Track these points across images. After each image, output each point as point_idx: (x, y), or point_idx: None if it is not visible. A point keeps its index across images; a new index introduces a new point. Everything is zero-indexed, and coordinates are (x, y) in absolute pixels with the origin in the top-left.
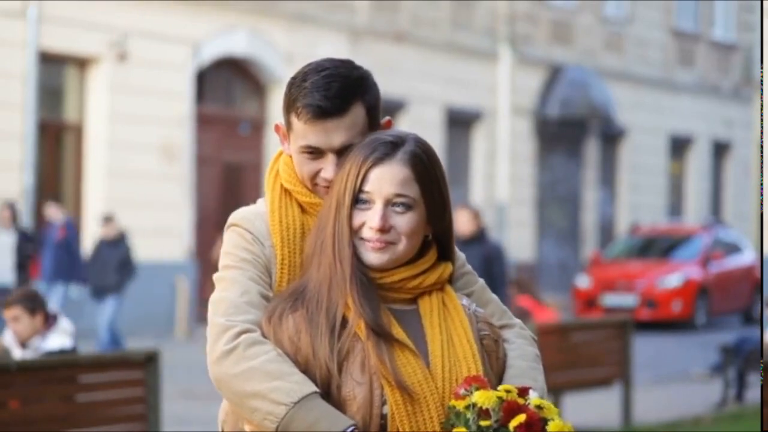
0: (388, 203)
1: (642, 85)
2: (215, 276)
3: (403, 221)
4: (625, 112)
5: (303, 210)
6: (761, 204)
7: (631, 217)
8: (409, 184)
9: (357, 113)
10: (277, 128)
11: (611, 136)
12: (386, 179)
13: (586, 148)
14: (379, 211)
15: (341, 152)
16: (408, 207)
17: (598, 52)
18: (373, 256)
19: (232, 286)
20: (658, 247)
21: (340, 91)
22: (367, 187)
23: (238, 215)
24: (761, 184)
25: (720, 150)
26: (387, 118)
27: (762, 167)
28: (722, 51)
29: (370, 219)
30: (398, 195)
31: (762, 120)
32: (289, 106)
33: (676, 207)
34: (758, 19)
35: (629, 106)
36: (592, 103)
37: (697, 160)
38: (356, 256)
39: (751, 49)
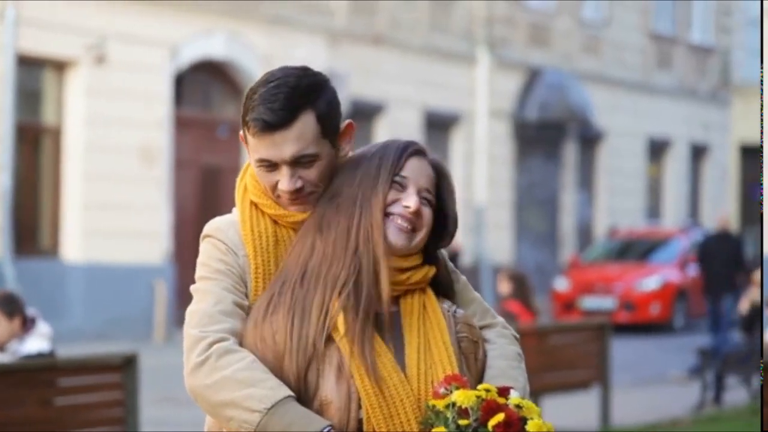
0: (420, 192)
1: (620, 88)
2: (192, 287)
3: (426, 212)
4: (603, 115)
5: (275, 221)
6: (761, 204)
7: (609, 219)
8: (433, 185)
9: (305, 122)
10: (242, 137)
11: (589, 139)
12: (422, 172)
13: (564, 151)
14: (415, 195)
15: (295, 163)
16: (429, 202)
17: (575, 55)
18: (398, 237)
19: (206, 297)
20: (636, 249)
21: (284, 102)
22: (405, 172)
23: (212, 225)
24: (761, 184)
25: (698, 153)
26: (348, 121)
27: (762, 167)
28: (700, 54)
29: (405, 199)
30: (427, 190)
31: (762, 120)
32: (242, 120)
33: (654, 210)
34: (735, 21)
35: (607, 109)
36: (570, 106)
37: (675, 163)
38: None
39: (729, 52)
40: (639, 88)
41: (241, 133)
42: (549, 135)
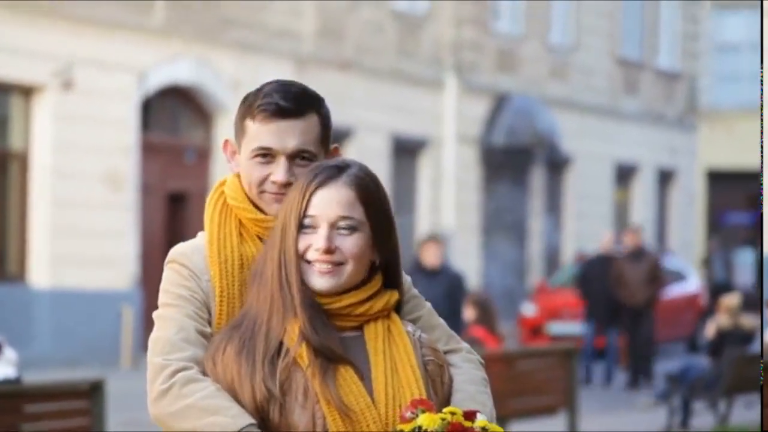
0: (333, 226)
1: (587, 114)
2: (154, 314)
3: (348, 243)
4: (571, 140)
5: (241, 239)
6: (761, 204)
7: (576, 245)
8: (353, 206)
9: (313, 120)
10: (225, 145)
11: (557, 165)
12: (331, 202)
13: (532, 176)
14: (324, 233)
15: (293, 158)
16: (353, 229)
17: (543, 80)
18: (320, 281)
19: (168, 324)
20: None
21: (298, 95)
22: (311, 211)
23: (176, 251)
24: (761, 184)
25: (665, 178)
26: (335, 145)
27: (762, 167)
28: (667, 79)
29: (315, 241)
30: (343, 217)
31: (762, 120)
32: (245, 113)
33: (621, 235)
34: (702, 47)
35: (575, 134)
36: (538, 132)
37: (642, 188)
38: (303, 281)
39: (696, 78)
40: (606, 113)
41: (226, 140)
42: (516, 160)
